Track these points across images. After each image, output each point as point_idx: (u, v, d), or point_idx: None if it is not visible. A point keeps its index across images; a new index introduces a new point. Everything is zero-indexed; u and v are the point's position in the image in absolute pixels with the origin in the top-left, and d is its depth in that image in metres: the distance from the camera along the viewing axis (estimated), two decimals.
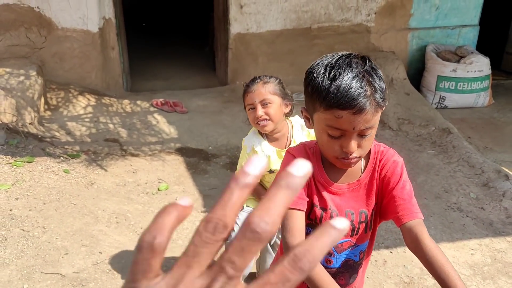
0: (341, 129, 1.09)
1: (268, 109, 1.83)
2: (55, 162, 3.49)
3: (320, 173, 1.25)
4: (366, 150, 1.15)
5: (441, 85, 5.21)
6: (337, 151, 1.13)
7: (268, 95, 1.83)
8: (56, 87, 4.68)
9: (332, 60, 1.10)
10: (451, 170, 3.78)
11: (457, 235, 3.04)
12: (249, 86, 1.87)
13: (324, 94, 1.06)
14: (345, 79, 1.04)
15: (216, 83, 5.79)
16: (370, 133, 1.11)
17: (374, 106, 1.06)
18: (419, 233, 1.14)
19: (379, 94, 1.07)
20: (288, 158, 1.28)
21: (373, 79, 1.07)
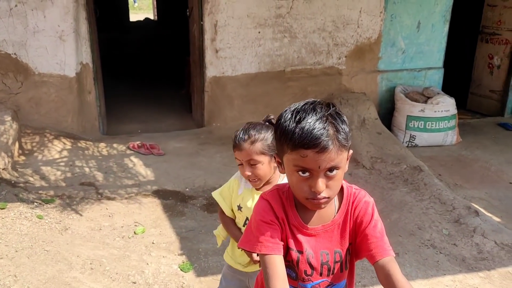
0: (307, 168, 1.16)
1: (255, 169, 1.77)
2: (28, 208, 3.44)
3: (294, 216, 1.30)
4: (334, 190, 1.21)
5: (410, 124, 5.41)
6: (306, 192, 1.19)
7: (255, 156, 1.76)
8: (31, 131, 4.65)
9: (298, 106, 1.19)
10: (423, 207, 3.88)
11: (431, 271, 3.09)
12: (236, 143, 1.78)
13: (290, 136, 1.14)
14: (309, 121, 1.13)
15: (193, 125, 5.86)
16: (336, 173, 1.17)
17: (337, 146, 1.14)
18: (391, 270, 1.19)
19: (342, 135, 1.15)
20: (262, 203, 1.33)
21: (336, 121, 1.15)
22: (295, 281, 1.34)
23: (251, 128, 1.79)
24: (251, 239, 1.29)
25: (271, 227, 1.27)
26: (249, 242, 1.30)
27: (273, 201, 1.31)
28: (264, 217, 1.29)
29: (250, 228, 1.33)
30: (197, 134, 5.42)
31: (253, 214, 1.34)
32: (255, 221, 1.31)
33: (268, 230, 1.27)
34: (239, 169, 1.81)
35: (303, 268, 1.31)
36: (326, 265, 1.31)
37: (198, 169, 4.56)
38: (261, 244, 1.25)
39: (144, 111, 6.35)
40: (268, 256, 1.24)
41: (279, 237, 1.27)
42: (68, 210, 3.58)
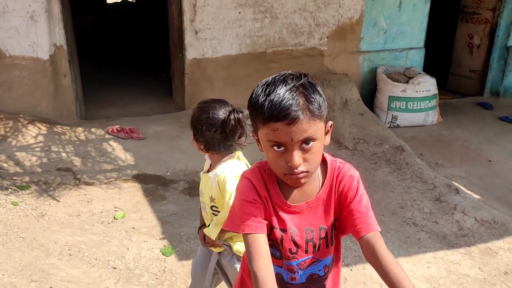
0: (280, 142, 1.11)
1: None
2: (2, 195, 3.33)
3: (276, 194, 1.26)
4: (313, 164, 1.17)
5: (392, 105, 5.40)
6: (284, 167, 1.15)
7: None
8: (4, 116, 4.49)
9: (269, 79, 1.15)
10: (405, 186, 3.89)
11: (413, 249, 3.10)
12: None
13: (260, 110, 1.10)
14: (278, 92, 1.09)
15: (174, 108, 5.75)
16: (312, 145, 1.13)
17: (308, 116, 1.09)
18: (376, 245, 1.16)
19: (314, 105, 1.10)
20: (244, 182, 1.28)
21: (307, 91, 1.11)
22: (280, 260, 1.31)
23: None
24: (235, 220, 1.26)
25: (254, 206, 1.23)
26: (233, 224, 1.26)
27: (255, 180, 1.26)
28: (246, 196, 1.24)
29: (233, 208, 1.29)
30: (178, 118, 5.32)
31: (236, 193, 1.30)
32: (237, 200, 1.27)
33: (251, 209, 1.23)
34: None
35: (287, 246, 1.27)
36: (311, 242, 1.28)
37: (179, 152, 4.48)
38: (244, 224, 1.21)
39: (124, 95, 6.21)
40: (251, 235, 1.19)
41: (262, 216, 1.23)
42: (44, 196, 3.48)
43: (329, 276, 1.36)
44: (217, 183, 1.77)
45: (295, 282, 1.32)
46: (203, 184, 1.88)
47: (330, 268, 1.36)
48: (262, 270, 1.13)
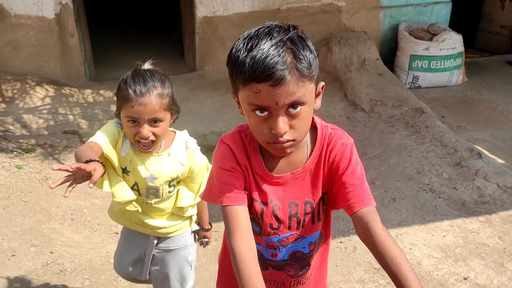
0: (263, 106, 0.95)
1: (157, 128, 1.44)
2: (7, 157, 3.28)
3: (258, 163, 1.11)
4: (301, 132, 1.01)
5: (414, 64, 5.10)
6: (267, 135, 0.99)
7: (162, 112, 1.43)
8: (11, 78, 4.42)
9: (252, 31, 0.96)
10: (423, 150, 3.68)
11: (429, 217, 2.94)
12: (135, 95, 1.38)
13: (241, 68, 0.93)
14: (261, 47, 0.91)
15: (185, 70, 5.59)
16: (300, 109, 0.96)
17: (296, 76, 0.92)
18: (370, 222, 1.01)
19: (303, 63, 0.93)
20: (222, 147, 1.13)
21: (296, 46, 0.93)
22: (259, 236, 1.17)
23: (149, 75, 1.42)
24: (213, 190, 1.12)
25: (233, 175, 1.09)
26: (211, 194, 1.12)
27: (234, 146, 1.11)
28: (224, 164, 1.10)
29: (211, 177, 1.15)
30: (188, 79, 5.16)
31: (213, 160, 1.15)
32: (215, 168, 1.12)
33: (230, 178, 1.08)
34: (129, 129, 1.43)
35: (268, 221, 1.13)
36: (295, 218, 1.14)
37: (188, 115, 4.35)
38: (222, 194, 1.07)
39: (134, 56, 5.98)
40: (230, 207, 1.06)
41: (242, 186, 1.09)
42: (49, 160, 3.42)
43: (315, 253, 1.22)
44: (188, 161, 1.57)
45: (276, 259, 1.19)
46: (155, 167, 1.54)
47: (317, 245, 1.22)
48: (241, 245, 1.00)
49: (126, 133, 1.48)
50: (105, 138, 1.47)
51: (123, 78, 1.45)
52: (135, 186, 1.58)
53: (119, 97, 1.44)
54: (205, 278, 2.44)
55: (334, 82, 4.95)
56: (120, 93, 1.43)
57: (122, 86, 1.43)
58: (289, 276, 1.21)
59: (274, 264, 1.19)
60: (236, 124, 1.19)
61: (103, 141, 1.45)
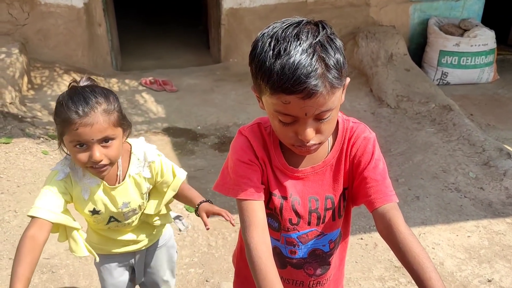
0: (291, 115, 0.91)
1: (110, 149, 1.26)
2: (34, 143, 3.35)
3: (278, 157, 1.08)
4: (327, 134, 0.98)
5: (443, 60, 4.97)
6: (292, 138, 0.96)
7: (112, 129, 1.25)
8: (40, 65, 4.51)
9: (278, 30, 0.89)
10: (450, 148, 3.59)
11: (453, 216, 2.87)
12: (79, 114, 1.19)
13: (268, 76, 0.87)
14: (291, 54, 0.85)
15: (210, 61, 5.59)
16: (328, 116, 0.92)
17: (327, 88, 0.87)
18: (393, 218, 0.98)
19: (334, 73, 0.87)
20: (240, 139, 1.10)
21: (326, 52, 0.87)
22: (277, 232, 1.14)
23: (89, 91, 1.23)
24: (227, 181, 1.09)
25: (251, 168, 1.06)
26: (225, 185, 1.09)
27: (252, 138, 1.08)
28: (241, 156, 1.07)
29: (226, 168, 1.12)
30: (212, 70, 5.17)
31: (230, 151, 1.11)
32: (231, 160, 1.09)
33: (247, 171, 1.06)
34: (77, 155, 1.23)
35: (287, 216, 1.10)
36: (315, 213, 1.11)
37: (211, 106, 4.36)
38: (238, 187, 1.05)
39: (160, 47, 6.09)
40: (246, 201, 1.03)
41: (259, 179, 1.06)
42: None
43: (335, 252, 1.19)
44: (152, 173, 1.44)
45: (295, 257, 1.16)
46: (122, 196, 1.41)
47: (337, 243, 1.18)
48: (257, 240, 0.97)
49: (74, 160, 1.27)
50: (52, 202, 1.26)
51: (58, 100, 1.24)
52: (111, 218, 1.45)
53: (58, 121, 1.23)
54: (224, 269, 2.45)
55: (360, 76, 4.88)
56: (59, 117, 1.22)
57: (59, 109, 1.22)
58: (308, 275, 1.18)
59: (293, 262, 1.17)
60: (259, 117, 1.15)
61: (49, 213, 1.24)
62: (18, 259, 1.14)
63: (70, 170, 1.34)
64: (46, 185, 1.30)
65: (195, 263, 2.47)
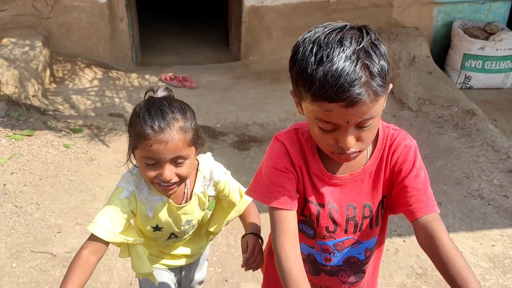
0: (333, 123, 0.89)
1: (181, 168, 1.20)
2: (56, 136, 3.37)
3: (316, 163, 1.06)
4: (368, 142, 0.96)
5: (467, 63, 4.88)
6: (332, 146, 0.94)
7: (186, 149, 1.18)
8: (63, 59, 4.54)
9: (320, 35, 0.86)
10: (473, 154, 3.52)
11: (477, 224, 2.81)
12: (155, 130, 1.13)
13: (309, 83, 0.85)
14: (334, 62, 0.82)
15: (229, 58, 5.58)
16: (370, 124, 0.90)
17: (371, 96, 0.85)
18: (436, 230, 0.96)
19: (378, 80, 0.85)
20: (276, 145, 1.08)
21: (371, 59, 0.84)
22: (312, 240, 1.12)
23: (167, 105, 1.17)
24: (260, 187, 1.07)
25: (285, 175, 1.04)
26: (258, 191, 1.08)
27: (289, 144, 1.06)
28: (277, 164, 1.05)
29: (259, 173, 1.10)
30: (232, 68, 5.15)
31: (266, 157, 1.09)
32: (266, 166, 1.07)
33: (281, 179, 1.04)
34: (146, 172, 1.19)
35: (324, 224, 1.08)
36: (353, 221, 1.09)
37: (231, 104, 4.35)
38: (271, 195, 1.03)
39: (179, 43, 6.09)
40: (279, 211, 1.02)
41: (294, 188, 1.05)
42: (95, 141, 3.49)
43: (370, 260, 1.17)
44: (217, 190, 1.40)
45: (330, 264, 1.14)
46: (186, 215, 1.38)
47: (373, 251, 1.16)
48: (287, 250, 0.96)
49: (143, 175, 1.23)
50: (112, 222, 1.22)
51: (135, 111, 1.20)
52: (172, 235, 1.43)
53: (132, 134, 1.19)
54: (243, 269, 2.43)
55: None
56: (134, 130, 1.17)
57: (135, 120, 1.17)
58: (342, 282, 1.16)
59: (327, 269, 1.15)
60: (279, 116, 1.14)
61: (108, 233, 1.21)
62: (68, 278, 1.13)
63: (135, 188, 1.29)
64: (109, 203, 1.26)
65: (214, 262, 2.46)
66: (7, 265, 2.23)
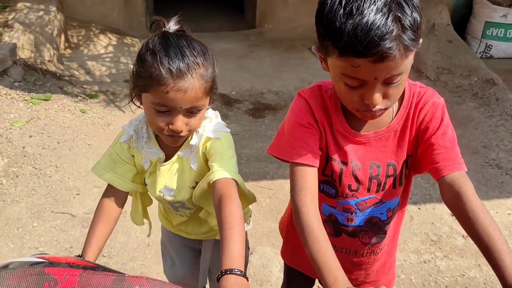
0: (360, 79, 0.85)
1: (193, 119, 1.05)
2: (72, 101, 3.39)
3: (340, 121, 1.03)
4: (394, 99, 0.92)
5: (488, 32, 4.74)
6: (357, 103, 0.90)
7: (203, 99, 1.03)
8: (77, 24, 4.52)
9: None
10: (492, 124, 3.47)
11: (493, 193, 2.79)
12: (174, 75, 0.96)
13: (337, 36, 0.80)
14: (364, 14, 0.78)
15: (244, 26, 5.50)
16: (398, 80, 0.86)
17: (401, 50, 0.80)
18: (463, 187, 0.92)
19: (410, 34, 0.80)
20: (299, 102, 1.05)
21: (403, 11, 0.79)
22: (334, 199, 1.10)
23: (186, 46, 0.99)
24: (282, 144, 1.04)
25: (308, 131, 1.01)
26: (280, 148, 1.05)
27: (312, 101, 1.03)
28: (300, 119, 1.02)
29: (281, 131, 1.07)
30: (247, 36, 5.09)
31: (289, 113, 1.06)
32: (289, 122, 1.04)
33: (304, 134, 1.01)
34: (156, 120, 1.02)
35: (347, 182, 1.06)
36: (376, 180, 1.06)
37: (246, 72, 4.31)
38: (293, 150, 1.00)
39: (194, 10, 6.01)
40: (300, 167, 0.99)
41: (316, 144, 1.02)
42: (111, 106, 3.51)
43: (392, 221, 1.15)
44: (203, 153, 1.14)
45: (352, 224, 1.12)
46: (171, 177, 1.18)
47: (395, 212, 1.14)
48: (309, 205, 0.94)
49: (149, 122, 1.08)
50: (110, 163, 1.17)
51: (148, 47, 0.99)
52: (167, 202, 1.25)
53: (143, 74, 0.98)
54: (258, 233, 2.46)
55: None
56: (147, 70, 0.97)
57: (148, 59, 0.97)
58: (363, 244, 1.16)
59: (348, 230, 1.14)
60: (294, 84, 1.08)
61: (104, 172, 1.16)
62: (92, 227, 1.11)
63: (134, 133, 1.17)
64: (112, 144, 1.20)
65: None
66: (28, 224, 2.28)
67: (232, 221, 0.92)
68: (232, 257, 0.85)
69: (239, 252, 0.86)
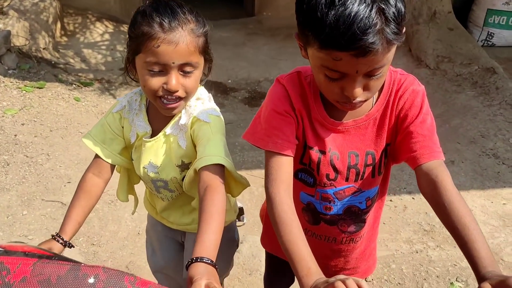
0: (341, 72, 0.82)
1: (188, 79, 1.03)
2: (66, 89, 3.38)
3: (318, 108, 1.00)
4: (375, 91, 0.89)
5: (490, 19, 4.67)
6: (337, 94, 0.87)
7: (196, 56, 1.02)
8: (73, 11, 4.49)
9: None
10: (490, 113, 3.42)
11: (489, 183, 2.76)
12: (164, 28, 0.97)
13: (318, 28, 0.77)
14: (347, 5, 0.74)
15: (243, 14, 5.45)
16: (380, 72, 0.84)
17: (384, 44, 0.77)
18: (440, 175, 0.89)
19: (393, 27, 0.77)
20: (277, 88, 1.02)
21: (387, 3, 0.76)
22: (312, 188, 1.08)
23: (178, 6, 1.01)
24: (258, 130, 1.00)
25: (285, 119, 0.98)
26: (255, 135, 1.01)
27: (290, 87, 1.00)
28: (277, 106, 0.98)
29: (258, 117, 1.04)
30: (245, 24, 5.04)
31: (266, 99, 1.03)
32: (266, 109, 1.01)
33: (281, 122, 0.98)
34: (149, 81, 1.00)
35: (325, 171, 1.04)
36: (354, 169, 1.04)
37: (243, 60, 4.28)
38: (269, 139, 0.97)
39: None
40: (276, 155, 0.95)
41: (293, 133, 0.99)
42: (106, 95, 3.49)
43: (371, 209, 1.13)
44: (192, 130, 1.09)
45: (330, 213, 1.10)
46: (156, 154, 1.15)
47: (374, 201, 1.12)
48: (282, 195, 0.91)
49: (143, 87, 1.04)
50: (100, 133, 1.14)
51: (138, 10, 1.01)
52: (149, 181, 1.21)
53: (134, 35, 0.99)
54: (249, 222, 2.45)
55: None
56: (136, 29, 0.98)
57: (138, 19, 0.98)
58: (342, 232, 1.14)
59: (327, 218, 1.12)
60: None
61: (93, 142, 1.14)
62: (73, 201, 1.10)
63: (127, 104, 1.15)
64: (105, 115, 1.19)
65: None
66: (18, 212, 2.28)
67: (213, 210, 0.90)
68: (206, 246, 0.84)
69: (213, 243, 0.85)
